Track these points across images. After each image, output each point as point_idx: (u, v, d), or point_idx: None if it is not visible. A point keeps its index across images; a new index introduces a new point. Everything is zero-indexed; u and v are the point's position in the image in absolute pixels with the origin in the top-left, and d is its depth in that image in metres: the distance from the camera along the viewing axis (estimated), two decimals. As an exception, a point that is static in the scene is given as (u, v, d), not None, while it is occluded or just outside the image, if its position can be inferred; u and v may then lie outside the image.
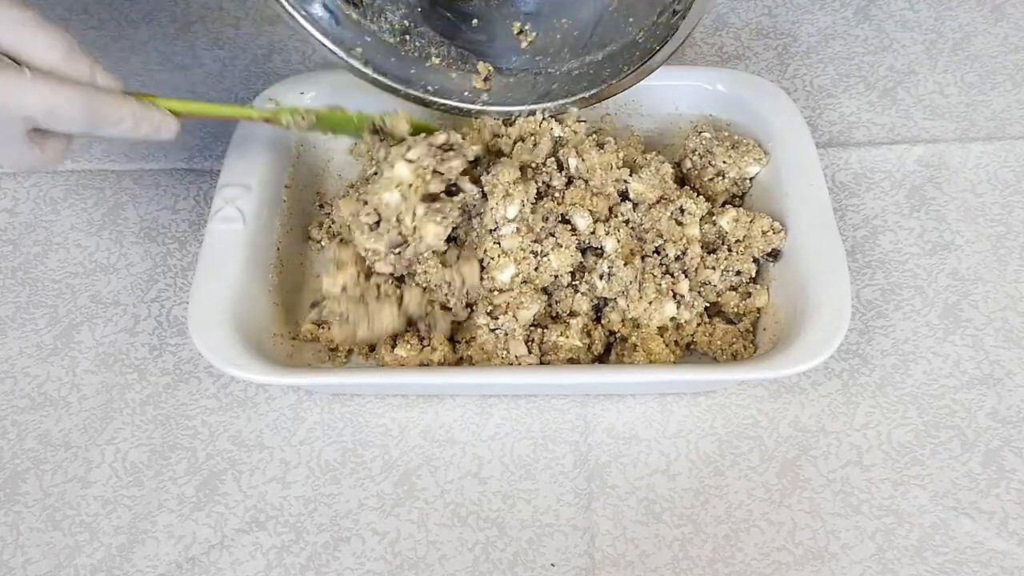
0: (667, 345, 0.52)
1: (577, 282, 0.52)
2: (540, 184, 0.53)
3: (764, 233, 0.53)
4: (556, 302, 0.53)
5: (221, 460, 0.51)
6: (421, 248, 0.50)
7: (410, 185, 0.49)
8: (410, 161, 0.50)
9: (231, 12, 0.75)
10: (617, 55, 0.55)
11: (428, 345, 0.51)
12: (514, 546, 0.48)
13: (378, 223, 0.50)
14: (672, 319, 0.52)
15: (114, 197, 0.63)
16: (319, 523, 0.49)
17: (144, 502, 0.50)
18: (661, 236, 0.53)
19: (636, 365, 0.50)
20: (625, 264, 0.51)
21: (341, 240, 0.55)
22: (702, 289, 0.53)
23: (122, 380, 0.54)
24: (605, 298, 0.52)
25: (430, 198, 0.50)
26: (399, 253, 0.50)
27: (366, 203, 0.50)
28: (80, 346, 0.55)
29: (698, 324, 0.53)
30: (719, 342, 0.52)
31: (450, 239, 0.52)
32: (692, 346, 0.54)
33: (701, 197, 0.56)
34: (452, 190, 0.51)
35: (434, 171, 0.50)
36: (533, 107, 0.56)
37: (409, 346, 0.51)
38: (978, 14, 0.72)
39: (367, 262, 0.52)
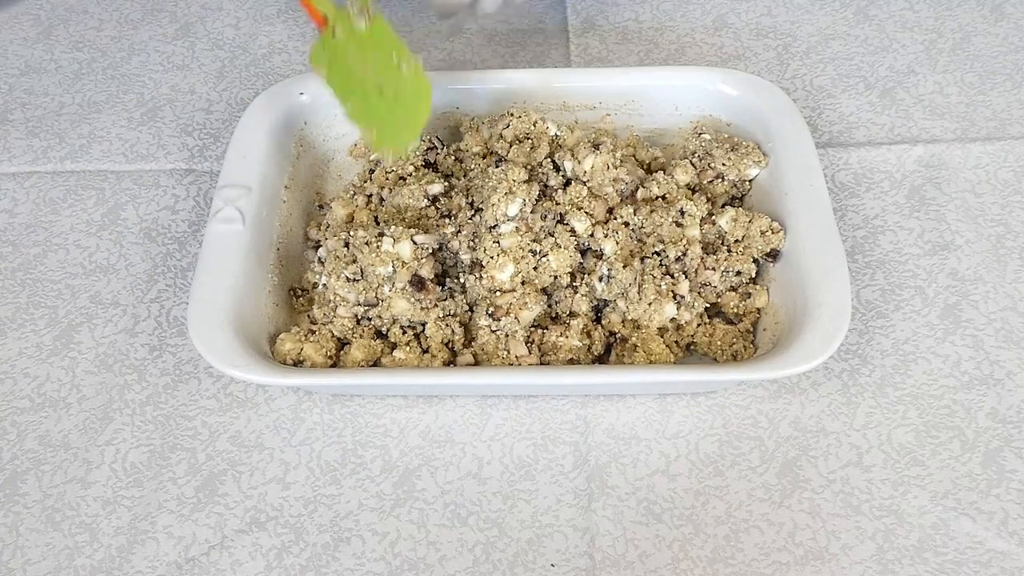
0: (667, 346, 0.52)
1: (577, 283, 0.52)
2: (539, 185, 0.53)
3: (763, 233, 0.53)
4: (556, 303, 0.53)
5: (221, 461, 0.51)
6: (385, 315, 0.52)
7: (404, 263, 0.51)
8: (415, 244, 0.51)
9: (231, 12, 0.75)
10: None
11: (427, 351, 0.52)
12: (514, 547, 0.48)
13: (358, 280, 0.52)
14: (672, 320, 0.52)
15: (114, 197, 0.63)
16: (319, 524, 0.49)
17: (144, 503, 0.49)
18: (662, 241, 0.53)
19: (636, 366, 0.50)
20: (624, 266, 0.51)
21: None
22: (702, 290, 0.53)
23: (122, 381, 0.54)
24: (605, 299, 0.52)
25: (417, 281, 0.51)
26: (365, 310, 0.52)
27: (355, 260, 0.52)
28: (80, 347, 0.55)
29: (698, 325, 0.53)
30: (719, 342, 0.52)
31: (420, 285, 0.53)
32: (692, 347, 0.54)
33: (701, 198, 0.56)
34: (440, 278, 0.53)
35: (430, 253, 0.52)
36: None
37: (408, 349, 0.51)
38: (978, 14, 0.72)
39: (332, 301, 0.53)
